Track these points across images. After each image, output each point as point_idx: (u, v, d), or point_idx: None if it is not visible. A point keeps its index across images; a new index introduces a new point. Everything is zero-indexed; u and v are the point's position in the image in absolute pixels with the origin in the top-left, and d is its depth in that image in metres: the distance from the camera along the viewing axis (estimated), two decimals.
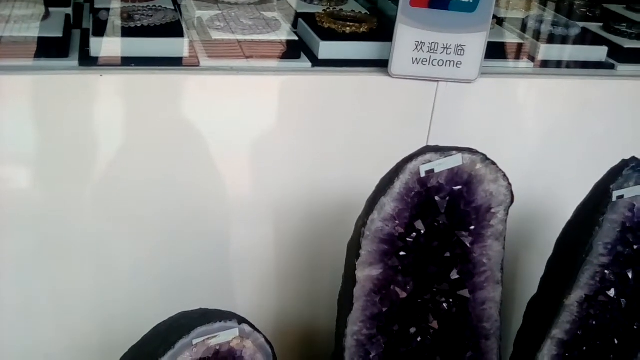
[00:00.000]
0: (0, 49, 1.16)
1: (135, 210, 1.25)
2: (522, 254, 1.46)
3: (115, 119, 1.18)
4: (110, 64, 1.18)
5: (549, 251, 1.22)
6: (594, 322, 1.16)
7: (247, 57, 1.26)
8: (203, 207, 1.28)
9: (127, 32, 1.23)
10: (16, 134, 1.14)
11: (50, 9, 1.28)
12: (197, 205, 1.28)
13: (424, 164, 1.05)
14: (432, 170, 1.05)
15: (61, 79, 1.14)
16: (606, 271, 1.14)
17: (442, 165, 1.05)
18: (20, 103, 1.13)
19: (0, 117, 1.12)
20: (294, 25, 1.41)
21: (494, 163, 1.08)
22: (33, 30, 1.20)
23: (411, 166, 1.05)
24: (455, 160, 1.06)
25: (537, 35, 1.47)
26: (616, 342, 1.17)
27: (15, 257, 1.23)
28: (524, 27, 1.51)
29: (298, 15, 1.45)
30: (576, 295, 1.14)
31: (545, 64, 1.42)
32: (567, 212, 1.19)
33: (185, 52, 1.24)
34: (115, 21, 1.26)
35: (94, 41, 1.20)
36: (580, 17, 1.65)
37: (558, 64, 1.44)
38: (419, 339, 1.14)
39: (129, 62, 1.19)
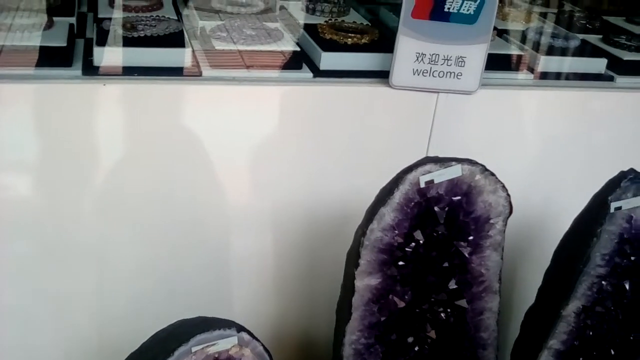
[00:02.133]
0: (4, 58, 1.17)
1: (136, 218, 1.26)
2: (520, 264, 1.46)
3: (118, 128, 1.19)
4: (113, 74, 1.19)
5: (546, 262, 1.22)
6: (591, 333, 1.16)
7: (249, 68, 1.27)
8: (203, 215, 1.29)
9: (130, 42, 1.24)
10: (19, 142, 1.15)
11: (55, 19, 1.29)
12: (198, 214, 1.28)
13: (423, 174, 1.06)
14: (431, 181, 1.06)
15: (64, 87, 1.15)
16: (603, 282, 1.14)
17: (441, 175, 1.06)
18: (23, 111, 1.14)
19: (4, 124, 1.13)
20: (296, 36, 1.42)
21: (493, 174, 1.08)
22: (37, 39, 1.21)
23: (411, 177, 1.06)
24: (454, 171, 1.07)
25: (536, 47, 1.48)
26: (613, 352, 1.18)
27: (17, 263, 1.23)
28: (524, 39, 1.51)
29: (300, 26, 1.46)
30: (573, 306, 1.15)
31: (544, 75, 1.43)
32: (565, 223, 1.20)
33: (187, 62, 1.25)
34: (118, 31, 1.26)
35: (97, 51, 1.21)
36: (579, 29, 1.66)
37: (557, 76, 1.44)
38: (416, 348, 1.14)
39: (131, 71, 1.20)
